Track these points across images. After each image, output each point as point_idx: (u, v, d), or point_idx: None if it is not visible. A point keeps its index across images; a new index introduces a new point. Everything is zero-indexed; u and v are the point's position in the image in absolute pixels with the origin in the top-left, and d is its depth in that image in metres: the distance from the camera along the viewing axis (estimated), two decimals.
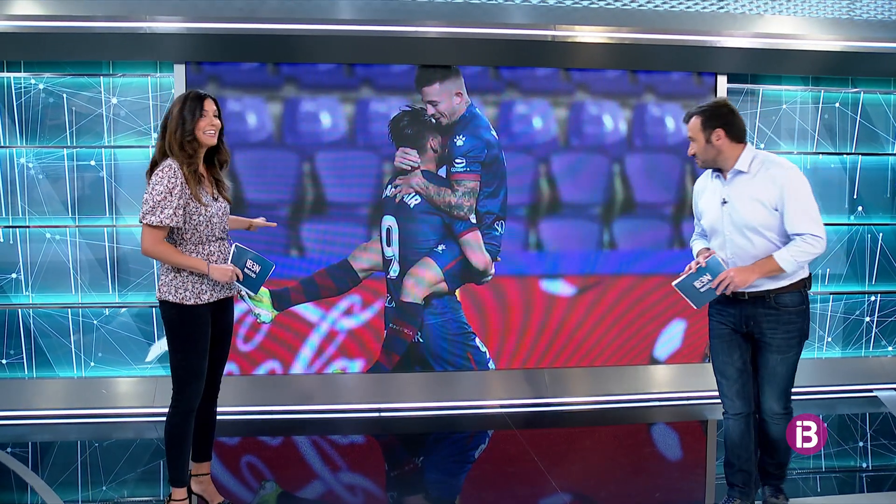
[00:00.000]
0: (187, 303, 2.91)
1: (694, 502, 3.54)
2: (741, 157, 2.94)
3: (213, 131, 2.91)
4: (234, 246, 2.98)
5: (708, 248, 3.08)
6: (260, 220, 3.37)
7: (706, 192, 3.09)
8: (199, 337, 2.94)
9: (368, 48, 4.39)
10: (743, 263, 2.94)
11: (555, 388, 4.73)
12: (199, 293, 2.93)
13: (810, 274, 3.02)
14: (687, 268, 2.98)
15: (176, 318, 2.92)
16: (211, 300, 2.96)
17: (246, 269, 2.96)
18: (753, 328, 2.98)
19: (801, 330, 2.98)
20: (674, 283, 2.98)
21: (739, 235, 2.94)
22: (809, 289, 3.02)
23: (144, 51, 4.31)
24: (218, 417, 3.26)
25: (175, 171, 2.85)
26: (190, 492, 3.16)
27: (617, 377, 4.83)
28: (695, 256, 3.11)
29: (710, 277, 2.90)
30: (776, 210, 2.88)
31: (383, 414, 4.55)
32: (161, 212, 2.82)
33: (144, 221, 2.84)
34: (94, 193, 4.47)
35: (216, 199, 3.00)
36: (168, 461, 3.03)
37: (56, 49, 4.27)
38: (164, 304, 2.94)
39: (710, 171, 3.10)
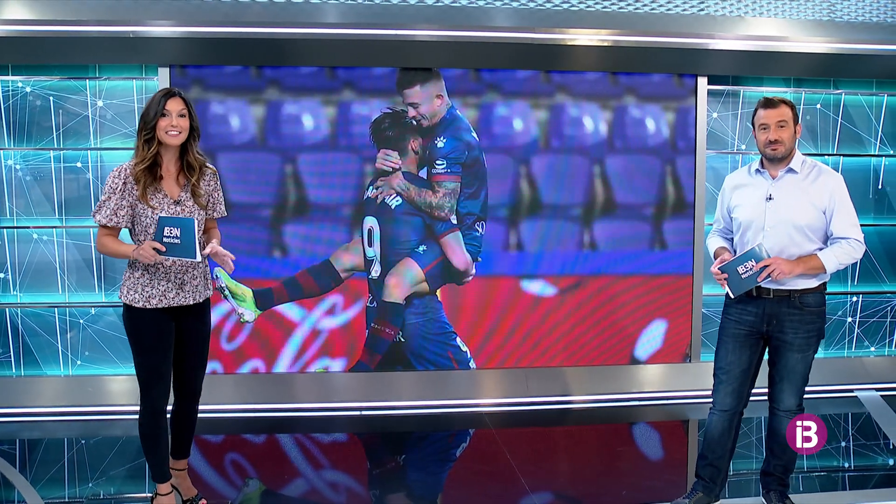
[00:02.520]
0: (136, 305, 2.90)
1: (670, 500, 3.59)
2: (795, 157, 3.07)
3: (175, 132, 2.84)
4: (158, 218, 2.81)
5: (725, 249, 3.19)
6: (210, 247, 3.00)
7: (745, 187, 3.15)
8: (150, 339, 2.92)
9: (351, 51, 4.45)
10: None
11: (535, 388, 4.78)
12: (147, 297, 2.90)
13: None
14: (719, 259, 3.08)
15: (126, 318, 2.95)
16: (161, 305, 2.91)
17: (165, 239, 2.78)
18: (774, 328, 3.05)
19: (820, 330, 3.09)
20: (718, 267, 3.04)
21: (781, 232, 3.02)
22: (826, 290, 3.11)
23: (130, 54, 4.38)
24: (202, 415, 3.29)
25: (120, 173, 2.86)
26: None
27: (597, 377, 4.86)
28: (712, 255, 3.22)
29: (754, 263, 2.95)
30: (824, 213, 3.00)
31: (365, 412, 4.61)
32: (102, 212, 2.86)
33: (94, 219, 2.90)
34: (80, 195, 4.55)
35: (178, 203, 2.91)
36: (147, 460, 3.08)
37: (44, 53, 4.34)
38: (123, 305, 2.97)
39: (748, 167, 3.18)
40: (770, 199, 3.05)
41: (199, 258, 2.80)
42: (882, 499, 3.55)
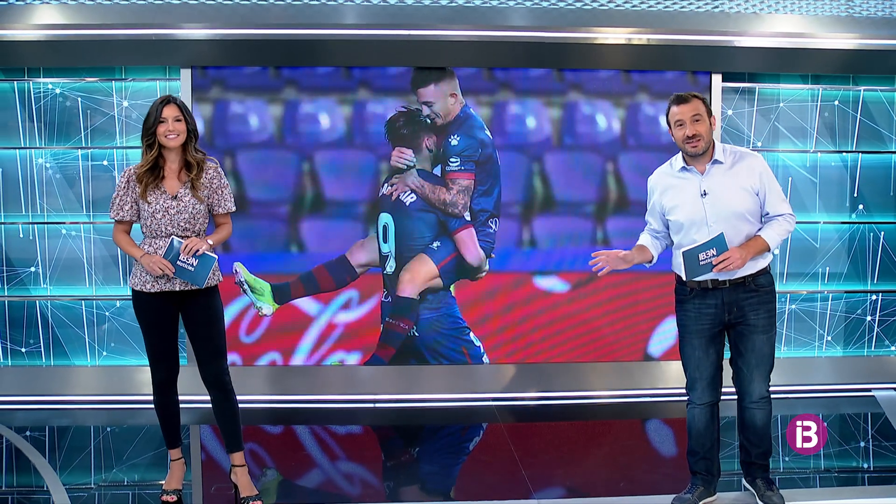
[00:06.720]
0: (136, 289, 3.17)
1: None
2: (717, 148, 3.11)
3: (172, 136, 3.06)
4: (171, 239, 3.05)
5: (645, 248, 3.28)
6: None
7: (675, 188, 3.15)
8: (145, 321, 3.19)
9: (367, 51, 4.55)
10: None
11: (548, 383, 4.82)
12: (143, 282, 3.13)
13: None
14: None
15: (132, 302, 3.24)
16: (153, 290, 3.11)
17: (179, 263, 3.03)
18: (736, 314, 3.08)
19: (776, 307, 3.15)
20: (682, 250, 3.05)
21: (725, 224, 3.03)
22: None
23: (154, 56, 4.54)
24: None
25: (125, 173, 3.16)
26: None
27: (611, 373, 4.89)
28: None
29: (714, 252, 2.97)
30: (757, 195, 3.06)
31: (378, 405, 4.70)
32: (112, 208, 3.18)
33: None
34: (107, 192, 4.71)
35: (175, 198, 3.10)
36: None
37: (72, 56, 4.52)
38: None
39: (669, 165, 3.20)
40: (705, 194, 3.06)
41: (203, 286, 3.10)
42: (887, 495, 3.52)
